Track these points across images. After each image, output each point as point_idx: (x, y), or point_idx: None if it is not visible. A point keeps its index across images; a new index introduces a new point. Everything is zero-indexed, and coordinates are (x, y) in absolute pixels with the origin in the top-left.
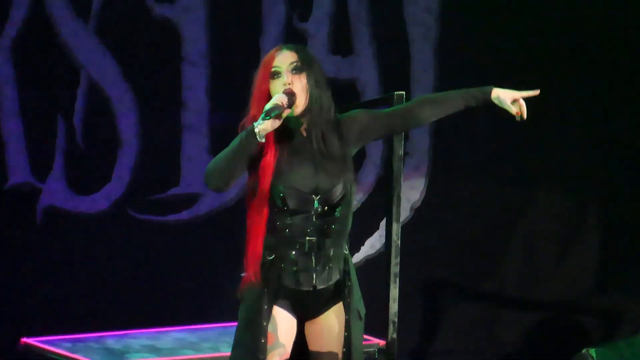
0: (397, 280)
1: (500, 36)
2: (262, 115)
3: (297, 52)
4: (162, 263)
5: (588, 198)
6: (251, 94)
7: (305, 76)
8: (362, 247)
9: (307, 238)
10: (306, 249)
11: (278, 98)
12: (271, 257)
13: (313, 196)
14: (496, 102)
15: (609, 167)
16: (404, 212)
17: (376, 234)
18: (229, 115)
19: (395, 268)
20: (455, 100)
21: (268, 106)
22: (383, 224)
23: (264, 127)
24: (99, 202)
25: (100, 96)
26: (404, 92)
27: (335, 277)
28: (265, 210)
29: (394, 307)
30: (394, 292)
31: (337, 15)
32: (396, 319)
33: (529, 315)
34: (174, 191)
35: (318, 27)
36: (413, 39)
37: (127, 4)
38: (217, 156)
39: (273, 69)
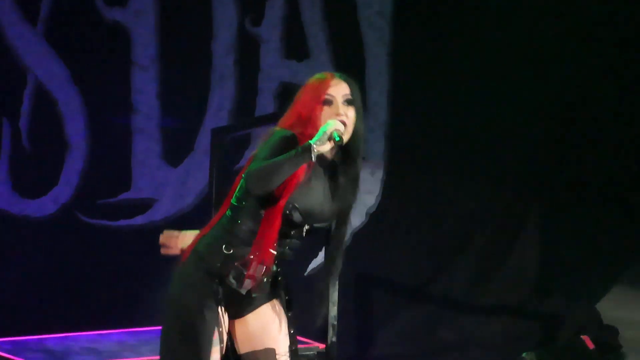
0: (337, 283)
1: (453, 39)
2: (321, 136)
3: (349, 85)
4: (110, 267)
5: (529, 202)
6: (294, 109)
7: (354, 110)
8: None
9: (270, 250)
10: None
11: (337, 125)
12: (229, 252)
13: (306, 226)
14: None
15: (551, 169)
16: (360, 217)
17: None
18: (180, 120)
19: None
20: None
21: (329, 129)
22: None
23: (322, 147)
24: (46, 205)
25: (47, 99)
26: None
27: (269, 286)
28: (278, 223)
29: (333, 310)
30: (334, 295)
31: (290, 19)
32: (336, 322)
33: (470, 318)
34: (125, 196)
35: (271, 31)
36: (367, 43)
37: (76, 7)
38: (266, 163)
39: (327, 97)
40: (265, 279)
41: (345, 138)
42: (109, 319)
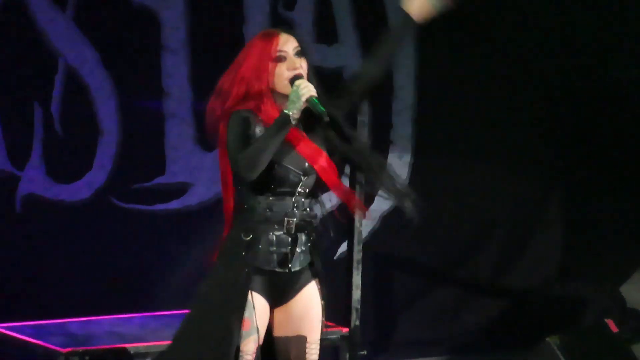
0: (360, 267)
1: (481, 22)
2: (295, 102)
3: (296, 37)
4: (144, 252)
5: (553, 186)
6: (239, 76)
7: (305, 61)
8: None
9: (287, 219)
10: (284, 230)
11: (311, 90)
12: (248, 238)
13: (302, 176)
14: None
15: (573, 156)
16: (387, 202)
17: None
18: None
19: (357, 255)
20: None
21: (303, 94)
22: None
23: (297, 114)
24: (80, 190)
25: (78, 84)
26: None
27: (308, 259)
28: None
29: (356, 294)
30: (357, 279)
31: (320, 4)
32: (359, 306)
33: (494, 302)
34: (159, 180)
35: (303, 15)
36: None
37: None
38: (248, 150)
39: (279, 53)
40: (303, 257)
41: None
42: (137, 303)
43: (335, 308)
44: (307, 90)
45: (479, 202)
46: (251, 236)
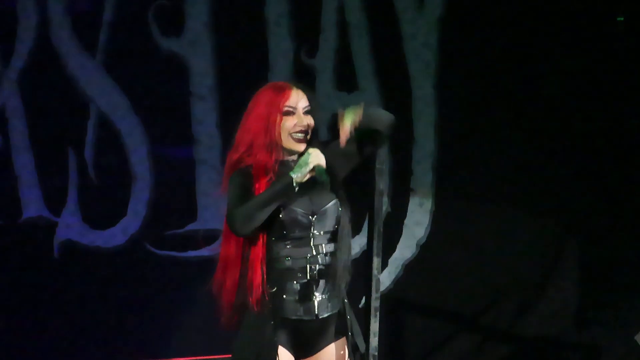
0: (378, 314)
1: (498, 70)
2: (302, 168)
3: (306, 94)
4: (177, 298)
5: (569, 234)
6: (245, 119)
7: (312, 117)
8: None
9: (308, 265)
10: (308, 277)
11: (320, 159)
12: (273, 290)
13: (310, 217)
14: None
15: (591, 203)
16: (410, 249)
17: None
18: None
19: (375, 302)
20: None
21: (311, 162)
22: None
23: (301, 179)
24: (115, 236)
25: (110, 130)
26: None
27: (337, 305)
28: (262, 238)
29: (374, 341)
30: (374, 326)
31: (341, 51)
32: (376, 353)
33: (511, 349)
34: (191, 227)
35: (325, 63)
36: (413, 75)
37: (133, 37)
38: (246, 205)
39: (287, 108)
40: (330, 303)
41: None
42: (172, 348)
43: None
44: (317, 159)
45: (499, 251)
46: (275, 288)
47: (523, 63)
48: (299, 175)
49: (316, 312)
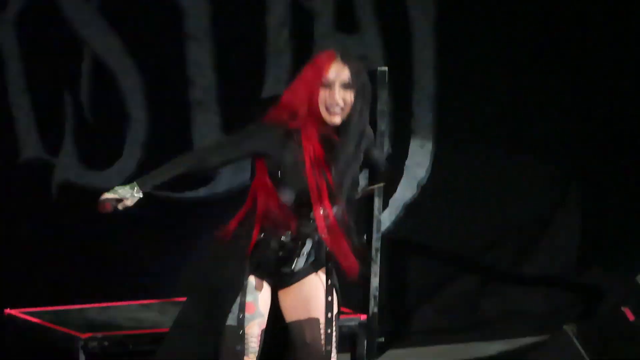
0: (379, 255)
1: (500, 9)
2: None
3: (350, 67)
4: (170, 239)
5: (571, 174)
6: (294, 84)
7: (353, 93)
8: None
9: (302, 229)
10: (295, 239)
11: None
12: (261, 236)
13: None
14: None
15: (593, 146)
16: (411, 190)
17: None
18: (237, 93)
19: (376, 243)
20: None
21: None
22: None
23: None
24: (112, 178)
25: (105, 71)
26: (385, 68)
27: (319, 267)
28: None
29: (375, 281)
30: (375, 267)
31: None
32: (377, 294)
33: (512, 290)
34: None
35: (324, 5)
36: (413, 17)
37: None
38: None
39: (324, 80)
40: (303, 253)
41: (342, 117)
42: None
43: (353, 296)
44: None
45: (500, 191)
46: (263, 235)
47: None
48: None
49: (292, 269)
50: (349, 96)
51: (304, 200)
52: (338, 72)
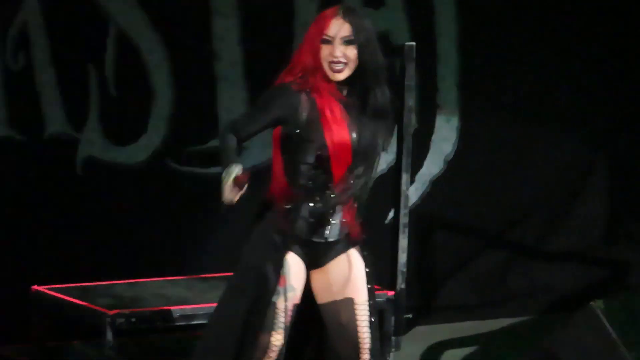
0: (407, 230)
1: None
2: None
3: (351, 24)
4: (197, 215)
5: (597, 150)
6: (300, 43)
7: (356, 47)
8: None
9: (328, 192)
10: (324, 204)
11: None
12: (288, 206)
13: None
14: None
15: (620, 121)
16: (437, 165)
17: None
18: (264, 67)
19: (404, 218)
20: None
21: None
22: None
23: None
24: (136, 153)
25: (130, 47)
26: (414, 43)
27: (346, 230)
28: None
29: (402, 257)
30: (403, 242)
31: None
32: (405, 269)
33: (539, 266)
34: (214, 143)
35: None
36: None
37: None
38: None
39: (325, 37)
40: (335, 220)
41: (347, 73)
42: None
43: (381, 272)
44: (228, 178)
45: (526, 166)
46: (291, 205)
47: None
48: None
49: (325, 236)
50: (351, 52)
51: (325, 160)
52: (338, 27)
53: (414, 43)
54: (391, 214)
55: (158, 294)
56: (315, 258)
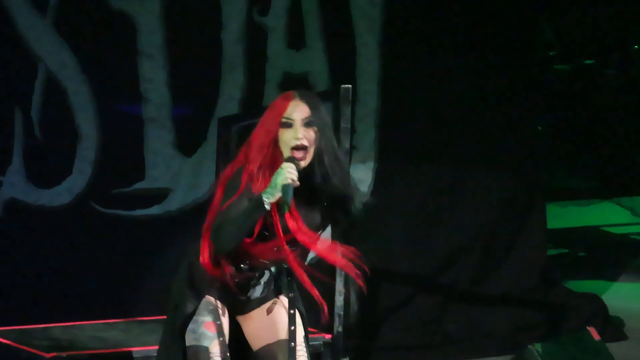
0: (343, 273)
1: (445, 28)
2: (273, 189)
3: (309, 105)
4: (124, 257)
5: (533, 191)
6: (253, 134)
7: (316, 129)
8: None
9: (261, 260)
10: (253, 268)
11: (290, 173)
12: (214, 266)
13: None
14: None
15: (553, 158)
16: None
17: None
18: (191, 109)
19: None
20: None
21: (281, 181)
22: None
23: (274, 200)
24: (61, 195)
25: (57, 88)
26: (350, 86)
27: (272, 286)
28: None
29: (339, 300)
30: (339, 285)
31: (293, 9)
32: (342, 312)
33: (476, 309)
34: (139, 185)
35: (277, 21)
36: (359, 32)
37: None
38: (222, 221)
39: (284, 119)
40: (260, 283)
41: (308, 159)
42: (120, 308)
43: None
44: (285, 178)
45: (453, 208)
46: (218, 266)
47: (470, 19)
48: (269, 195)
49: (248, 295)
50: (312, 134)
51: (268, 236)
52: (298, 110)
53: (349, 85)
54: (309, 256)
55: (95, 336)
56: (240, 307)
